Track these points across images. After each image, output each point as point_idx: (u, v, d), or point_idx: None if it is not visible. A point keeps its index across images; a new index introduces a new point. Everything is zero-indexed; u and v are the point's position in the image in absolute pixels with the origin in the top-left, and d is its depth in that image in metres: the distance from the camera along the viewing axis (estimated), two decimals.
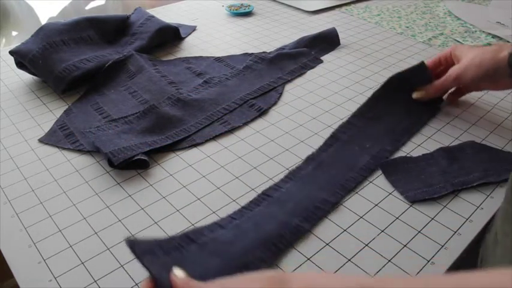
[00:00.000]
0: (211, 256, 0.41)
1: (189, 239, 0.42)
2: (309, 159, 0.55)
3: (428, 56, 0.80)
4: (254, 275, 0.33)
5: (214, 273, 0.38)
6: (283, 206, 0.48)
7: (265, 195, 0.49)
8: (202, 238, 0.43)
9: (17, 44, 0.71)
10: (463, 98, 0.68)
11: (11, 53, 0.70)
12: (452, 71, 0.61)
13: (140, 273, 0.41)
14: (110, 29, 0.80)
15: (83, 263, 0.42)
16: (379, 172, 0.53)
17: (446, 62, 0.64)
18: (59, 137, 0.59)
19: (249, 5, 1.02)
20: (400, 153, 0.56)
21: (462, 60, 0.60)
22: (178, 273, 0.35)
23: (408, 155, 0.56)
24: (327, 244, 0.44)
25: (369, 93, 0.65)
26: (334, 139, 0.58)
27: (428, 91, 0.63)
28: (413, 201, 0.49)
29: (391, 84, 0.64)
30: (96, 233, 0.45)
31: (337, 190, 0.50)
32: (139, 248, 0.37)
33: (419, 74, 0.63)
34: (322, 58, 0.80)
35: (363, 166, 0.54)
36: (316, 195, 0.49)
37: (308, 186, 0.50)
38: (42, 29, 0.72)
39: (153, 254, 0.38)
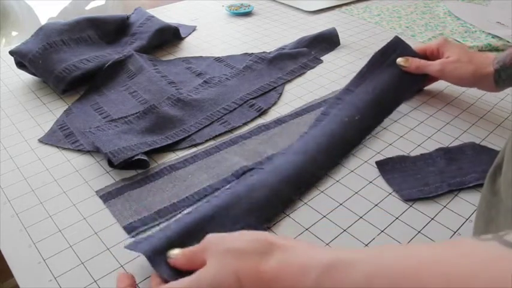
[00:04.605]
0: (206, 220, 0.43)
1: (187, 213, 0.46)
2: (301, 136, 0.58)
3: None
4: (243, 234, 0.35)
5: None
6: (276, 175, 0.49)
7: (258, 168, 0.52)
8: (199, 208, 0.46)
9: (17, 44, 0.71)
10: (463, 97, 0.68)
11: (11, 53, 0.70)
12: (439, 63, 0.62)
13: (140, 273, 0.41)
14: (110, 29, 0.80)
15: (82, 263, 0.42)
16: (379, 173, 0.53)
17: (432, 55, 0.65)
18: (59, 137, 0.59)
19: (249, 5, 1.02)
20: (394, 150, 0.56)
21: (450, 59, 0.62)
22: (172, 253, 0.38)
23: (407, 155, 0.56)
24: (327, 244, 0.44)
25: None
26: (324, 115, 0.60)
27: (411, 64, 0.63)
28: (408, 199, 0.49)
29: (374, 61, 0.66)
30: (96, 233, 0.45)
31: (325, 165, 0.53)
32: (142, 248, 0.39)
33: (399, 47, 0.65)
34: (322, 58, 0.80)
35: (351, 141, 0.57)
36: (305, 167, 0.51)
37: (299, 157, 0.52)
38: (42, 29, 0.72)
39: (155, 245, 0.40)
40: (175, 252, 0.38)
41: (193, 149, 0.57)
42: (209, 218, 0.43)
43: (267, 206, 0.46)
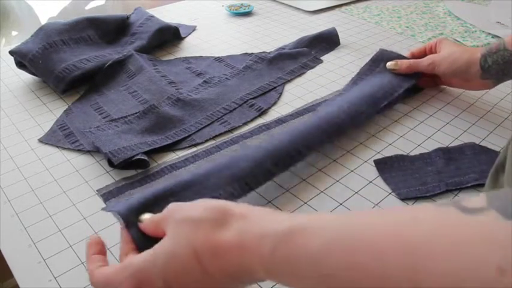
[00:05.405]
0: (184, 188, 0.43)
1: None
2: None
3: None
4: (203, 202, 0.33)
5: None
6: (261, 150, 0.49)
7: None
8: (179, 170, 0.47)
9: (17, 44, 0.71)
10: (463, 97, 0.68)
11: (11, 53, 0.70)
12: (429, 58, 0.65)
13: None
14: (110, 29, 0.80)
15: (82, 263, 0.42)
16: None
17: (431, 52, 0.68)
18: (59, 137, 0.59)
19: (249, 5, 1.02)
20: (394, 150, 0.56)
21: (441, 52, 0.65)
22: (143, 217, 0.37)
23: (406, 154, 0.56)
24: None
25: None
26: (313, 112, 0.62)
27: (401, 65, 0.66)
28: (405, 198, 0.49)
29: (364, 69, 0.70)
30: (96, 233, 0.45)
31: (311, 143, 0.53)
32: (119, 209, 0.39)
33: (385, 57, 0.69)
34: (322, 58, 0.80)
35: (340, 124, 0.56)
36: (291, 145, 0.51)
37: (287, 136, 0.52)
38: (42, 29, 0.72)
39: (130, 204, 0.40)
40: (145, 217, 0.37)
41: (194, 149, 0.57)
42: (188, 183, 0.43)
43: (249, 176, 0.46)
